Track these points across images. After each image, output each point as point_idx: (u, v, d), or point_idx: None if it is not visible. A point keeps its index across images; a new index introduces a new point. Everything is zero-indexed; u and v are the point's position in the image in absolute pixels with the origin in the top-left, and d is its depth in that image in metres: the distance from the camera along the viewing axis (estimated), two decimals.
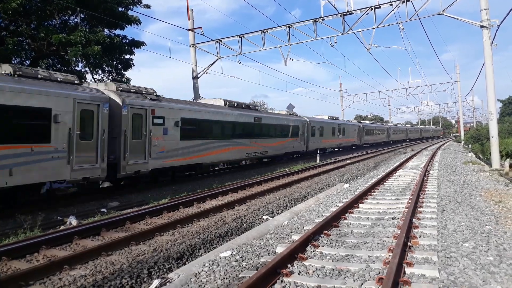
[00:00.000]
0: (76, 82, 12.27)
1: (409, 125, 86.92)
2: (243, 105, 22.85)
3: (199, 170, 18.69)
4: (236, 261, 6.05)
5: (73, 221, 9.37)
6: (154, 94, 15.46)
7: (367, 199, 11.03)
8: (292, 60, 26.25)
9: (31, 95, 10.23)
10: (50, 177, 10.92)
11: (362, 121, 45.87)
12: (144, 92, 14.96)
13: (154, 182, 15.63)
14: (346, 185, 14.91)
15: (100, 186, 15.20)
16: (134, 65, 22.39)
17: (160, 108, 14.98)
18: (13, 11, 15.82)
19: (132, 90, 14.50)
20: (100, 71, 21.51)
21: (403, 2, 19.67)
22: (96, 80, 21.50)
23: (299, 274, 5.29)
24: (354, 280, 4.99)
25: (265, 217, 10.17)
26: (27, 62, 19.71)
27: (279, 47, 23.59)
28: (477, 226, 7.50)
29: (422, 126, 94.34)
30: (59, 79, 11.70)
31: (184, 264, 6.62)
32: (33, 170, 10.21)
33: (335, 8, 21.01)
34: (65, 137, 11.12)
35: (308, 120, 31.28)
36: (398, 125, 78.65)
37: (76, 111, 11.42)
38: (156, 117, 14.68)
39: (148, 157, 14.17)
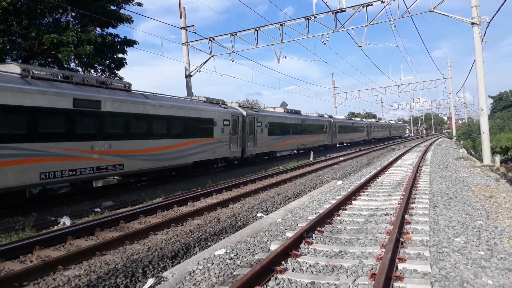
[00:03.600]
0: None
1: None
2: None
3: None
4: (231, 259, 6.09)
5: (66, 221, 9.34)
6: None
7: (360, 195, 11.12)
8: (285, 58, 26.24)
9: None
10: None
11: (334, 117, 43.00)
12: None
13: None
14: (340, 182, 14.99)
15: (94, 186, 15.11)
16: (126, 64, 22.26)
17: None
18: (4, 10, 15.65)
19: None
20: (92, 71, 21.35)
21: None
22: None
23: (293, 271, 5.34)
24: (347, 276, 5.04)
25: (259, 214, 10.21)
26: (19, 61, 19.52)
27: (271, 45, 23.62)
28: (468, 221, 7.60)
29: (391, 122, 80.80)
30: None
31: (179, 262, 6.63)
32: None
33: (327, 5, 21.06)
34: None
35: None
36: (380, 121, 74.33)
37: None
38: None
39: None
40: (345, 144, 47.44)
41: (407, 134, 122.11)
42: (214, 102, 20.11)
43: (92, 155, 12.09)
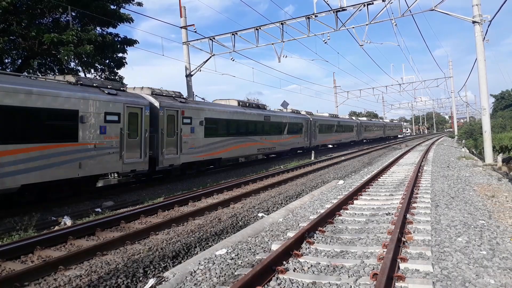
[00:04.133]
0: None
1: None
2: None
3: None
4: (232, 259, 6.07)
5: (67, 221, 9.33)
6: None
7: (361, 195, 11.09)
8: (286, 57, 26.30)
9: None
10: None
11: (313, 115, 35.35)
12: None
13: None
14: (341, 182, 14.97)
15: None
16: (127, 63, 22.27)
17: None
18: (4, 9, 15.65)
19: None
20: (92, 70, 21.36)
21: None
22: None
23: (294, 271, 5.32)
24: (349, 276, 5.02)
25: (260, 214, 10.19)
26: (19, 61, 19.54)
27: (272, 44, 23.57)
28: (470, 221, 7.57)
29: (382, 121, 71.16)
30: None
31: (180, 262, 6.62)
32: None
33: (328, 4, 21.01)
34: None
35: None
36: (374, 120, 69.04)
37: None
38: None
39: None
40: (330, 146, 41.22)
41: (408, 133, 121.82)
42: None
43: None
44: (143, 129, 14.06)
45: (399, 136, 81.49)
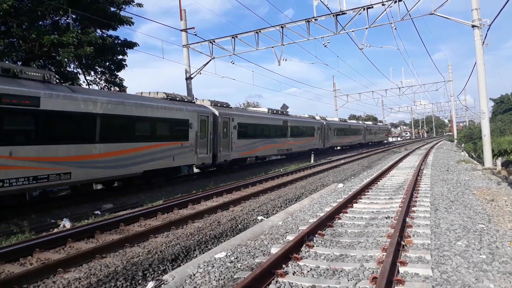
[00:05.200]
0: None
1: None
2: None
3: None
4: (231, 262, 6.06)
5: (66, 223, 9.32)
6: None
7: (361, 198, 11.09)
8: (286, 60, 26.27)
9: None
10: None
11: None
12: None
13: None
14: (340, 185, 14.97)
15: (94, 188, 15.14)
16: (127, 66, 22.31)
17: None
18: (4, 12, 15.68)
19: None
20: (92, 72, 21.40)
21: (395, 2, 19.75)
22: (88, 81, 21.43)
23: (293, 274, 5.31)
24: (348, 280, 5.02)
25: (259, 217, 10.18)
26: (19, 63, 19.54)
27: (272, 47, 23.60)
28: (470, 225, 7.57)
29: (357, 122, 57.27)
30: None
31: (179, 265, 6.61)
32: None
33: (327, 8, 21.09)
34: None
35: None
36: (350, 121, 52.89)
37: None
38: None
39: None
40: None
41: (408, 137, 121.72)
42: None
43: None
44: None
45: (384, 142, 68.78)
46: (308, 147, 32.54)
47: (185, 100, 17.69)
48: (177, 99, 17.07)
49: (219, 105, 20.29)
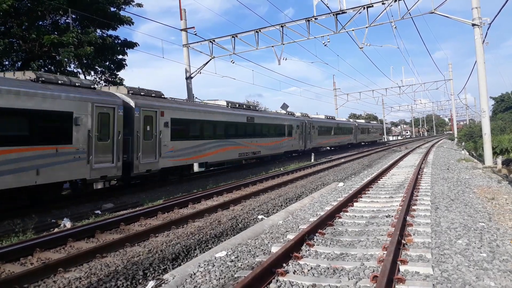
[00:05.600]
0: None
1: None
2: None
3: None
4: (232, 261, 6.06)
5: (67, 223, 9.32)
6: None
7: (361, 197, 11.08)
8: (286, 59, 26.29)
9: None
10: None
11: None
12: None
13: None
14: (341, 184, 14.96)
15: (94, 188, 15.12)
16: (127, 65, 22.31)
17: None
18: (4, 12, 15.69)
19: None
20: (92, 72, 21.40)
21: (395, 0, 19.73)
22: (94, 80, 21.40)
23: (294, 273, 5.31)
24: (349, 279, 5.01)
25: (260, 217, 10.18)
26: (18, 63, 19.55)
27: (272, 46, 23.60)
28: (470, 223, 7.57)
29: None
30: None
31: (179, 265, 6.61)
32: None
33: (327, 7, 21.10)
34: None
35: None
36: (339, 120, 46.59)
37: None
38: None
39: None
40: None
41: (408, 136, 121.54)
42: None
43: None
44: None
45: (378, 141, 62.59)
46: (284, 149, 27.97)
47: (72, 84, 12.39)
48: (58, 82, 11.91)
49: (143, 93, 15.41)
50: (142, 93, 15.36)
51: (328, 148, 41.61)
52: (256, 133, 23.63)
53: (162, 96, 16.51)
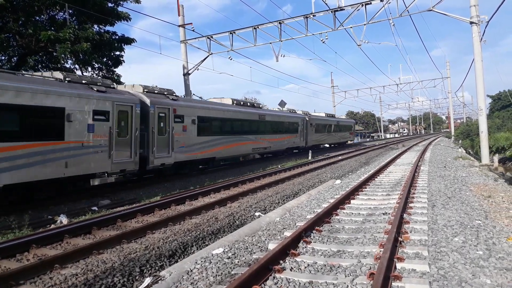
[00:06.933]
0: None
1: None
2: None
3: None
4: (228, 258, 6.05)
5: (63, 219, 9.29)
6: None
7: (358, 195, 11.10)
8: (284, 56, 26.32)
9: None
10: None
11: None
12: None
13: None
14: (338, 181, 14.98)
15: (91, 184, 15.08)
16: (124, 62, 22.22)
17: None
18: (0, 7, 15.58)
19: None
20: (89, 68, 21.30)
21: None
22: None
23: (291, 270, 5.31)
24: (345, 276, 5.02)
25: (257, 214, 10.18)
26: (15, 58, 19.44)
27: (270, 43, 23.60)
28: (467, 221, 7.59)
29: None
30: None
31: (176, 261, 6.60)
32: None
33: (326, 4, 21.07)
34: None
35: None
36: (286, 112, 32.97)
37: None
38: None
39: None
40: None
41: (405, 133, 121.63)
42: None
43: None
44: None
45: (349, 142, 49.21)
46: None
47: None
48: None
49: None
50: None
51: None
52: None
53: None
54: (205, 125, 18.15)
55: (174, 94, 16.92)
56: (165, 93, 16.45)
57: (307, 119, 32.59)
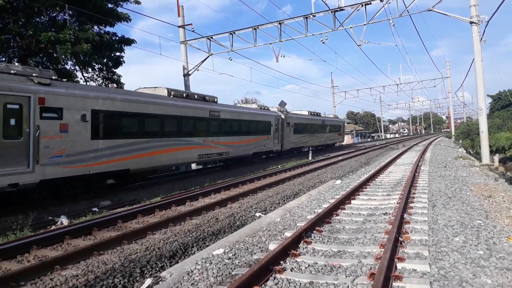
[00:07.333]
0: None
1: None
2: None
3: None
4: (229, 258, 6.06)
5: (64, 220, 9.29)
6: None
7: (359, 195, 11.10)
8: (284, 56, 26.34)
9: None
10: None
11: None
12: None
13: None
14: (338, 182, 14.97)
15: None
16: (124, 62, 22.21)
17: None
18: (0, 8, 15.58)
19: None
20: (90, 69, 21.30)
21: None
22: (86, 78, 21.33)
23: (291, 270, 5.31)
24: (346, 276, 5.02)
25: (257, 214, 10.18)
26: (15, 60, 19.44)
27: (270, 43, 23.59)
28: (467, 221, 7.59)
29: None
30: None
31: (177, 262, 6.60)
32: None
33: (326, 4, 21.08)
34: None
35: None
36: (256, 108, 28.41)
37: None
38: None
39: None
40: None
41: (406, 133, 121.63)
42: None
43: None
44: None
45: (337, 144, 45.29)
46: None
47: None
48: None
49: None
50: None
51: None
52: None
53: (48, 76, 11.24)
54: (110, 122, 13.01)
55: (47, 76, 11.28)
56: (25, 73, 10.76)
57: (283, 117, 27.72)
